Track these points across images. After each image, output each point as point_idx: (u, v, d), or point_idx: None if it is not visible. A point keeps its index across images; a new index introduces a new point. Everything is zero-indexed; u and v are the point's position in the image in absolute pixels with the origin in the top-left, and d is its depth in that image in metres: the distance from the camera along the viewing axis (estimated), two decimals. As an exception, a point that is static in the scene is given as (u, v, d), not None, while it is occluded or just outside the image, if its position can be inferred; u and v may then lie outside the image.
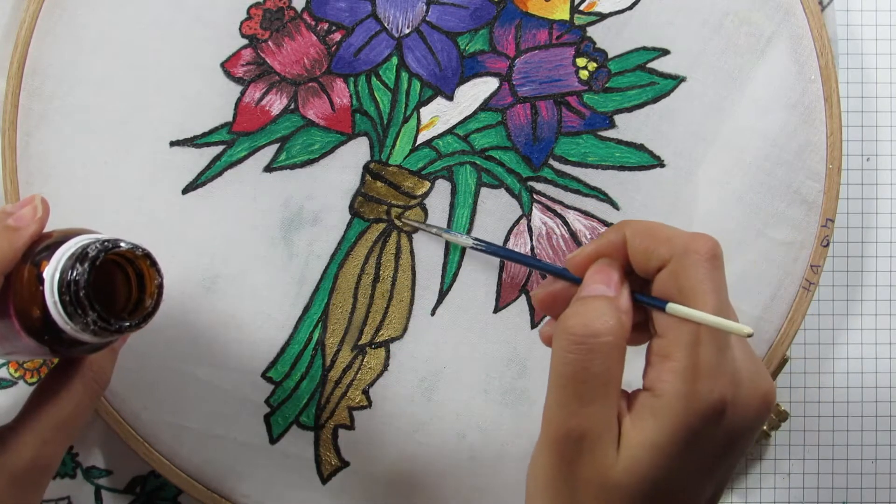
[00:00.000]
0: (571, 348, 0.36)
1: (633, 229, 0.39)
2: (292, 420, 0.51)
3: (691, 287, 0.36)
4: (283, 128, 0.50)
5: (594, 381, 0.35)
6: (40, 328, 0.37)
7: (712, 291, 0.36)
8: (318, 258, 0.51)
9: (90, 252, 0.37)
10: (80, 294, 0.36)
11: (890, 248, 0.56)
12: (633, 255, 0.38)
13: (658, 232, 0.38)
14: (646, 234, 0.38)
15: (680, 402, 0.35)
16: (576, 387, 0.35)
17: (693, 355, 0.35)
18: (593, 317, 0.36)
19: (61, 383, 0.42)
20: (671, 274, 0.37)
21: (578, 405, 0.35)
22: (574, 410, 0.35)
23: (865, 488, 0.56)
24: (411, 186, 0.51)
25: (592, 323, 0.36)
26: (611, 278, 0.38)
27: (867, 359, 0.56)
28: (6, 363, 0.53)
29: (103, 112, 0.50)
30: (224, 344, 0.50)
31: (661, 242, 0.37)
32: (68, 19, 0.49)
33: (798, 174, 0.51)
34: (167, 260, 0.50)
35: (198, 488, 0.51)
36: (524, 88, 0.51)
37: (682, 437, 0.35)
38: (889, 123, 0.56)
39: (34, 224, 0.39)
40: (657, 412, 0.35)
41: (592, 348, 0.35)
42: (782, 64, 0.51)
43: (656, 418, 0.35)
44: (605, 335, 0.36)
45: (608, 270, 0.38)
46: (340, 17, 0.50)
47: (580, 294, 0.38)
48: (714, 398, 0.35)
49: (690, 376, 0.35)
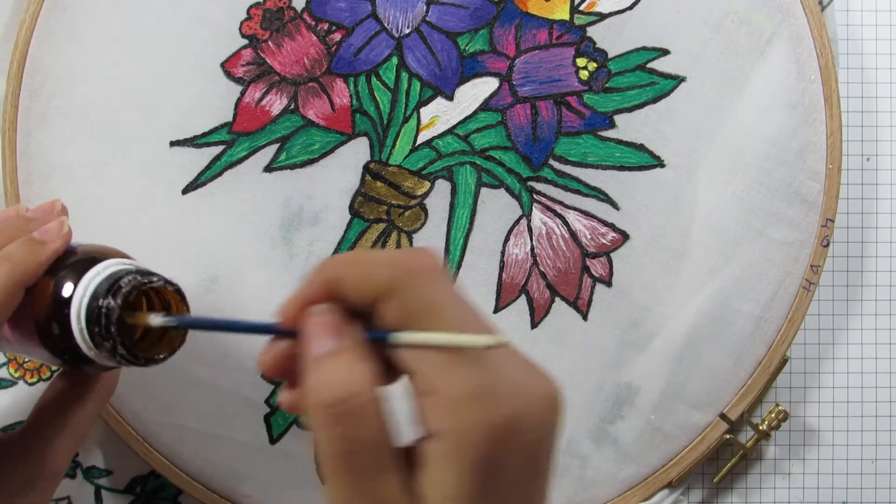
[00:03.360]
0: (331, 421, 0.30)
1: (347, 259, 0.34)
2: (292, 420, 0.51)
3: (424, 308, 0.31)
4: (283, 128, 0.50)
5: (368, 448, 0.30)
6: (58, 344, 0.37)
7: (451, 308, 0.32)
8: (318, 258, 0.51)
9: (123, 286, 0.36)
10: (112, 329, 0.35)
11: (890, 248, 0.56)
12: (350, 290, 0.32)
13: (368, 258, 0.33)
14: (355, 263, 0.33)
15: (465, 435, 0.30)
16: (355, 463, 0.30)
17: (456, 381, 0.30)
18: (338, 379, 0.30)
19: (70, 391, 0.42)
20: (398, 301, 0.31)
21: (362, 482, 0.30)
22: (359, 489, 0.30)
23: (865, 488, 0.56)
24: (411, 186, 0.51)
25: (341, 386, 0.30)
26: (333, 326, 0.32)
27: (867, 359, 0.56)
28: (6, 363, 0.53)
29: (103, 112, 0.50)
30: (224, 344, 0.50)
31: (375, 267, 0.32)
32: (68, 19, 0.49)
33: (798, 174, 0.51)
34: (167, 260, 0.50)
35: (198, 488, 0.51)
36: (524, 88, 0.51)
37: (482, 474, 0.30)
38: (889, 123, 0.56)
39: (60, 240, 0.39)
40: (446, 456, 0.30)
41: (356, 413, 0.30)
42: (782, 64, 0.51)
43: (448, 463, 0.30)
44: (360, 394, 0.30)
45: (326, 317, 0.32)
46: (340, 17, 0.50)
47: (308, 356, 0.32)
48: (498, 416, 0.30)
49: (463, 404, 0.30)
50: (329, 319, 0.32)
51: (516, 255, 0.51)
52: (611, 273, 0.51)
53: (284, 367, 0.34)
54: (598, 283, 0.51)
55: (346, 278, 0.32)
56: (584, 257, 0.51)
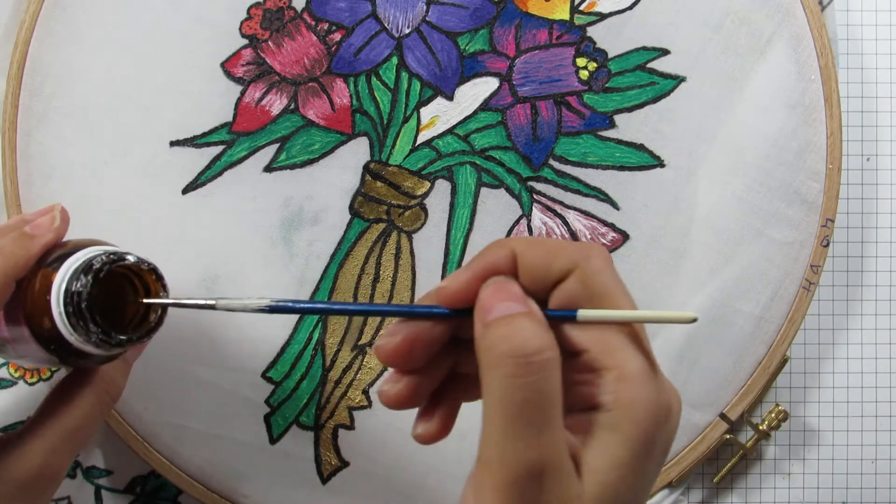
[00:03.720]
0: (517, 371, 0.31)
1: (523, 243, 0.34)
2: (292, 420, 0.51)
3: (605, 291, 0.33)
4: (283, 128, 0.50)
5: (547, 403, 0.31)
6: (48, 338, 0.37)
7: (626, 293, 0.34)
8: (318, 258, 0.51)
9: (95, 264, 0.37)
10: (83, 306, 0.36)
11: (890, 248, 0.56)
12: (528, 269, 0.34)
13: (549, 244, 0.34)
14: (538, 246, 0.34)
15: (635, 410, 0.32)
16: (529, 415, 0.31)
17: (631, 361, 0.32)
18: (527, 335, 0.32)
19: (72, 393, 0.42)
20: (580, 280, 0.33)
21: (535, 434, 0.31)
22: (530, 443, 0.31)
23: (865, 488, 0.56)
24: (411, 186, 0.51)
25: (530, 340, 0.31)
26: (515, 294, 0.33)
27: (867, 359, 0.56)
28: (6, 363, 0.53)
29: (103, 112, 0.50)
30: (224, 344, 0.50)
31: (557, 253, 0.34)
32: (68, 19, 0.49)
33: (798, 174, 0.51)
34: (167, 260, 0.50)
35: (198, 488, 0.51)
36: (524, 88, 0.51)
37: (642, 448, 0.32)
38: (889, 123, 0.56)
39: (50, 233, 0.39)
40: (616, 426, 0.32)
41: (541, 367, 0.31)
42: (782, 64, 0.51)
43: (617, 434, 0.32)
44: (546, 350, 0.31)
45: (508, 286, 0.33)
46: (340, 17, 0.50)
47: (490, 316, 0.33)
48: (664, 401, 0.32)
49: (643, 380, 0.32)
50: (509, 287, 0.33)
51: (516, 255, 0.51)
52: (611, 273, 0.51)
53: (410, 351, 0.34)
54: (598, 283, 0.51)
55: (529, 258, 0.34)
56: (584, 257, 0.51)
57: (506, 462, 0.31)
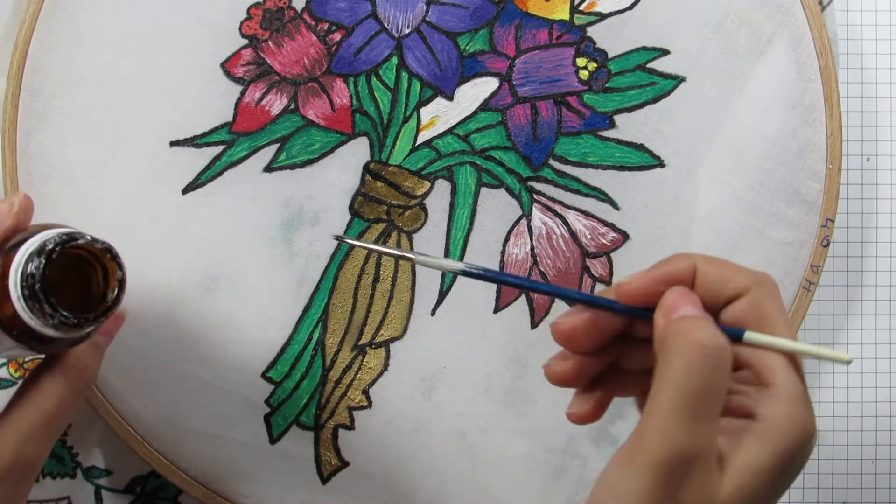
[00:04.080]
0: (700, 360, 0.34)
1: (705, 259, 0.38)
2: (292, 420, 0.51)
3: (772, 317, 0.36)
4: (283, 128, 0.50)
5: (715, 397, 0.34)
6: (9, 323, 0.37)
7: (788, 323, 0.36)
8: (318, 258, 0.51)
9: (48, 245, 0.37)
10: (36, 287, 0.36)
11: (890, 248, 0.56)
12: (706, 283, 0.37)
13: (729, 264, 0.38)
14: (718, 264, 0.38)
15: (786, 426, 0.35)
16: (697, 404, 0.34)
17: (795, 382, 0.35)
18: (711, 332, 0.35)
19: (43, 380, 0.41)
20: (751, 303, 0.36)
21: (695, 424, 0.34)
22: (690, 430, 0.34)
23: (865, 488, 0.56)
24: (411, 186, 0.51)
25: (714, 337, 0.34)
26: (698, 303, 0.37)
27: (867, 359, 0.56)
28: (6, 363, 0.53)
29: (103, 112, 0.50)
30: (224, 344, 0.50)
31: (734, 274, 0.37)
32: (68, 19, 0.49)
33: (798, 174, 0.51)
34: (167, 260, 0.50)
35: (198, 488, 0.51)
36: (524, 88, 0.51)
37: (783, 462, 0.35)
38: (889, 123, 0.56)
39: (9, 219, 0.39)
40: (764, 436, 0.35)
41: (720, 363, 0.34)
42: (782, 64, 0.51)
43: (763, 442, 0.35)
44: (726, 350, 0.35)
45: (692, 296, 0.37)
46: (340, 17, 0.50)
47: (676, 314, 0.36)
48: (812, 424, 0.35)
49: (798, 402, 0.35)
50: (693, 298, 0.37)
51: (516, 255, 0.51)
52: (611, 273, 0.51)
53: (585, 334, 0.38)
54: (598, 283, 0.51)
55: (709, 273, 0.37)
56: (584, 257, 0.51)
57: (664, 442, 0.34)
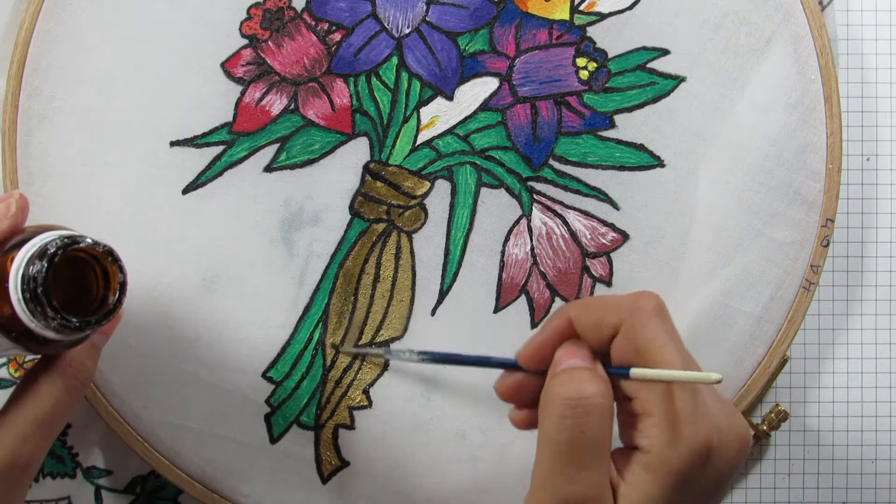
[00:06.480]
0: (567, 412, 0.36)
1: (576, 309, 0.40)
2: (292, 420, 0.51)
3: (648, 345, 0.37)
4: (283, 128, 0.50)
5: (591, 444, 0.36)
6: (9, 325, 0.37)
7: (669, 344, 0.37)
8: (319, 258, 0.51)
9: (49, 248, 0.36)
10: (38, 290, 0.36)
11: (890, 248, 0.56)
12: (584, 331, 0.39)
13: (600, 303, 0.40)
14: (589, 308, 0.40)
15: (668, 452, 0.36)
16: (572, 453, 0.36)
17: (671, 406, 0.36)
18: (581, 382, 0.37)
19: (40, 380, 0.41)
20: (625, 338, 0.38)
21: (576, 471, 0.36)
22: (571, 477, 0.36)
23: (865, 488, 0.56)
24: (411, 186, 0.51)
25: (582, 387, 0.37)
26: (582, 354, 0.39)
27: (867, 359, 0.56)
28: (6, 363, 0.53)
29: (103, 112, 0.50)
30: (224, 344, 0.50)
31: (606, 311, 0.39)
32: (68, 19, 0.49)
33: (798, 174, 0.51)
34: (167, 260, 0.50)
35: (198, 488, 0.51)
36: (524, 88, 0.51)
37: (674, 487, 0.36)
38: (889, 123, 0.56)
39: (6, 220, 0.39)
40: (649, 467, 0.36)
41: (588, 410, 0.36)
42: (782, 64, 0.51)
43: (649, 473, 0.36)
44: (596, 397, 0.36)
45: (577, 348, 0.39)
46: (340, 17, 0.50)
47: (557, 369, 0.39)
48: (699, 443, 0.36)
49: (673, 426, 0.36)
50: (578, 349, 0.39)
51: (516, 254, 0.51)
52: (611, 273, 0.51)
53: (517, 392, 0.41)
54: (598, 282, 0.51)
55: (582, 322, 0.39)
56: (584, 257, 0.51)
57: (548, 493, 0.36)
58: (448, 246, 0.51)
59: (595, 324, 0.39)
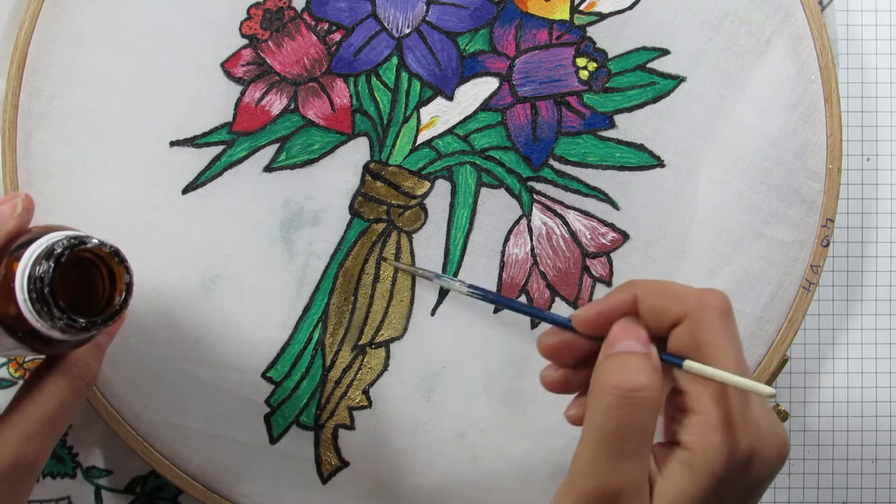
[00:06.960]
0: (616, 403, 0.36)
1: (645, 289, 0.39)
2: (292, 420, 0.51)
3: (709, 342, 0.37)
4: (283, 128, 0.50)
5: (635, 436, 0.36)
6: (15, 325, 0.37)
7: (731, 346, 0.37)
8: (318, 258, 0.51)
9: (56, 249, 0.37)
10: (45, 291, 0.36)
11: (890, 248, 0.56)
12: (646, 313, 0.39)
13: (669, 290, 0.39)
14: (657, 292, 0.39)
15: (712, 453, 0.35)
16: (616, 443, 0.36)
17: (722, 408, 0.36)
18: (634, 372, 0.36)
19: (45, 380, 0.41)
20: (688, 330, 0.37)
21: (617, 461, 0.36)
22: (612, 467, 0.36)
23: (865, 488, 0.56)
24: (411, 186, 0.51)
25: (634, 378, 0.36)
26: (640, 336, 0.38)
27: (867, 359, 0.56)
28: (6, 363, 0.53)
29: (103, 112, 0.50)
30: (224, 344, 0.50)
31: (673, 300, 0.38)
32: (68, 19, 0.49)
33: (798, 174, 0.51)
34: (167, 260, 0.50)
35: (198, 488, 0.51)
36: (524, 88, 0.51)
37: (713, 488, 0.35)
38: (889, 123, 0.56)
39: (12, 220, 0.39)
40: (690, 464, 0.36)
41: (636, 403, 0.36)
42: (782, 64, 0.51)
43: (689, 470, 0.36)
44: (646, 389, 0.36)
45: (636, 328, 0.38)
46: (340, 17, 0.50)
47: (612, 350, 0.38)
48: (744, 449, 0.36)
49: (721, 428, 0.36)
50: (637, 329, 0.38)
51: (516, 254, 0.51)
52: (611, 273, 0.51)
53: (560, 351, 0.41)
54: (598, 282, 0.51)
55: (647, 304, 0.38)
56: (584, 257, 0.51)
57: (588, 479, 0.36)
58: (448, 246, 0.51)
59: (660, 308, 0.38)
